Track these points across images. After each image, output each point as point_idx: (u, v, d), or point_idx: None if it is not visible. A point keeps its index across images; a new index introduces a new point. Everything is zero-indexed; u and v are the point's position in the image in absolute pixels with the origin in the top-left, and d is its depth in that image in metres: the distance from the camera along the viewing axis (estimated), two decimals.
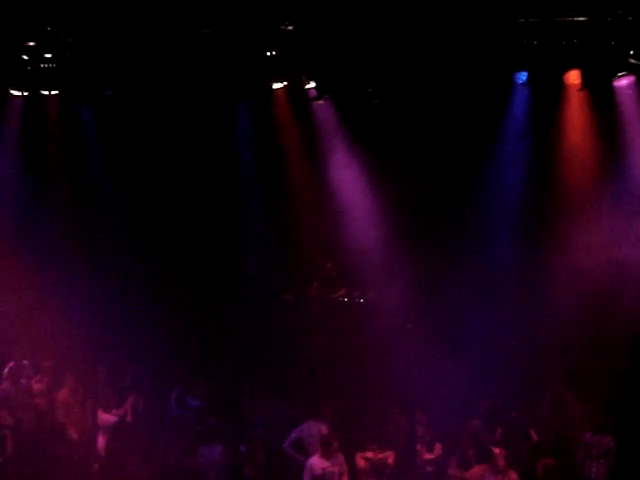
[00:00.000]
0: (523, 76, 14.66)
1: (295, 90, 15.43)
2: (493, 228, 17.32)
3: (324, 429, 13.82)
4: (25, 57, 14.35)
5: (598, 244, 15.93)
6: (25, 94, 15.36)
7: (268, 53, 14.30)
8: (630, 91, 14.94)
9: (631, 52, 13.44)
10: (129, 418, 14.84)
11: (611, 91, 14.79)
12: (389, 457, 13.53)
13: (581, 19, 12.89)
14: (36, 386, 15.54)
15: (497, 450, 13.04)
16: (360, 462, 13.49)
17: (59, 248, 17.41)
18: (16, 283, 17.01)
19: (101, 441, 14.57)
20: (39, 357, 16.21)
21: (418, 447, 14.02)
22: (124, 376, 15.90)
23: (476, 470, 13.08)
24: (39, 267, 17.39)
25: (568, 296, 15.83)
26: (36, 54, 14.33)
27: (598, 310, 15.85)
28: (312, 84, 15.11)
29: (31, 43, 14.10)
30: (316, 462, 13.13)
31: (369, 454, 13.47)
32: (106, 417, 14.75)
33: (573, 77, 14.59)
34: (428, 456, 14.03)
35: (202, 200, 17.92)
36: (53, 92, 15.41)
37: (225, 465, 13.64)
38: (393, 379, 15.46)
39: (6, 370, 15.33)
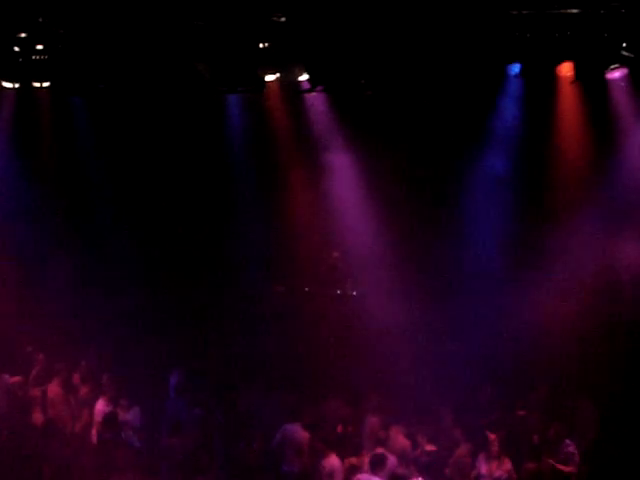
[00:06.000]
0: (516, 68, 14.66)
1: (288, 82, 15.39)
2: (486, 221, 17.35)
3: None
4: (16, 49, 14.28)
5: (590, 238, 15.97)
6: (17, 86, 15.31)
7: (261, 44, 14.26)
8: (623, 83, 14.95)
9: (624, 44, 13.42)
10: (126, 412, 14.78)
11: (604, 83, 14.80)
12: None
13: (574, 11, 12.87)
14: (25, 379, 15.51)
15: (492, 436, 13.01)
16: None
17: (50, 238, 17.41)
18: (5, 274, 17.02)
19: (94, 433, 14.55)
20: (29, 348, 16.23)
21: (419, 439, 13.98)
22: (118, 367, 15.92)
23: (463, 449, 13.10)
24: (29, 257, 17.39)
25: (562, 293, 15.91)
26: (28, 45, 14.26)
27: (595, 308, 15.91)
28: (305, 76, 15.07)
29: (23, 34, 14.05)
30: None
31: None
32: (101, 408, 14.70)
33: (566, 69, 14.58)
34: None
35: (194, 192, 17.91)
36: (45, 84, 15.35)
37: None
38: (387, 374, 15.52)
39: None
